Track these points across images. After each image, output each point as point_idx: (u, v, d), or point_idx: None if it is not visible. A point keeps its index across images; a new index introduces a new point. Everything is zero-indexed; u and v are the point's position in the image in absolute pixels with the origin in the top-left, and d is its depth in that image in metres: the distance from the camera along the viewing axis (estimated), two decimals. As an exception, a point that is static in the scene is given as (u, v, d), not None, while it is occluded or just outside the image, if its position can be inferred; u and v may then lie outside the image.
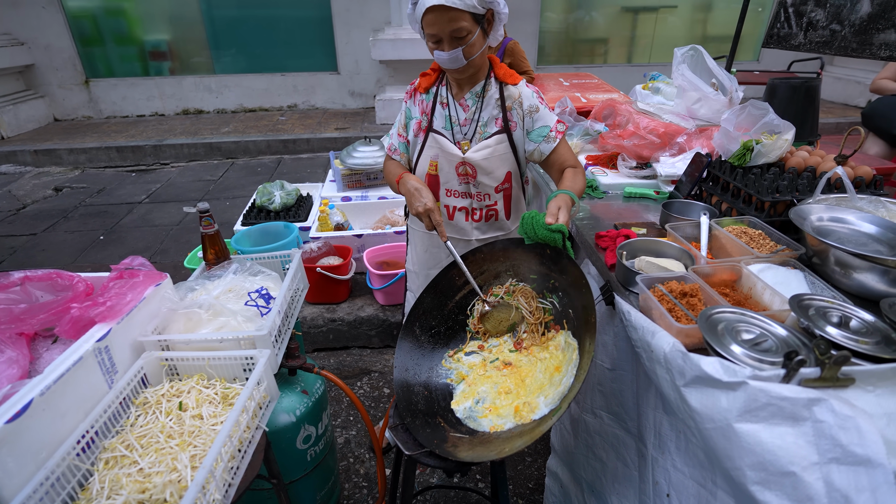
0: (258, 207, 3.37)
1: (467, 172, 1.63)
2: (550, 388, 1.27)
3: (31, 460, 0.95)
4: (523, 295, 1.46)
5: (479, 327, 1.47)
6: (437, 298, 1.50)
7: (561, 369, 1.29)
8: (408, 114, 1.70)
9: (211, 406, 1.18)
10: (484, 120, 1.61)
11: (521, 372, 1.34)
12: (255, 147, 6.33)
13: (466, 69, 1.51)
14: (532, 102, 1.59)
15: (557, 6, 7.82)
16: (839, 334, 0.91)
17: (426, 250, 1.84)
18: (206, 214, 1.57)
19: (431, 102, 1.65)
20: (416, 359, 1.42)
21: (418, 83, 1.67)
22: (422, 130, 1.66)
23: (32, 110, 6.98)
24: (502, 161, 1.62)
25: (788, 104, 2.20)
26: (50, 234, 4.31)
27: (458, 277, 1.50)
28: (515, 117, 1.60)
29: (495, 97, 1.59)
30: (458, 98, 1.62)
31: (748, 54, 8.28)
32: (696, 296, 1.14)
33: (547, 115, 1.61)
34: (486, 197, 1.67)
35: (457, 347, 1.46)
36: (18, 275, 1.31)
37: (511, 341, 1.43)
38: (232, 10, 7.28)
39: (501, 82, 1.60)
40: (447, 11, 1.36)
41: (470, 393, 1.32)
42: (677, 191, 1.84)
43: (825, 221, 1.30)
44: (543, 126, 1.60)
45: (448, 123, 1.63)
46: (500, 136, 1.60)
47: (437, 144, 1.63)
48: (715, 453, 0.85)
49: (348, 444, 2.35)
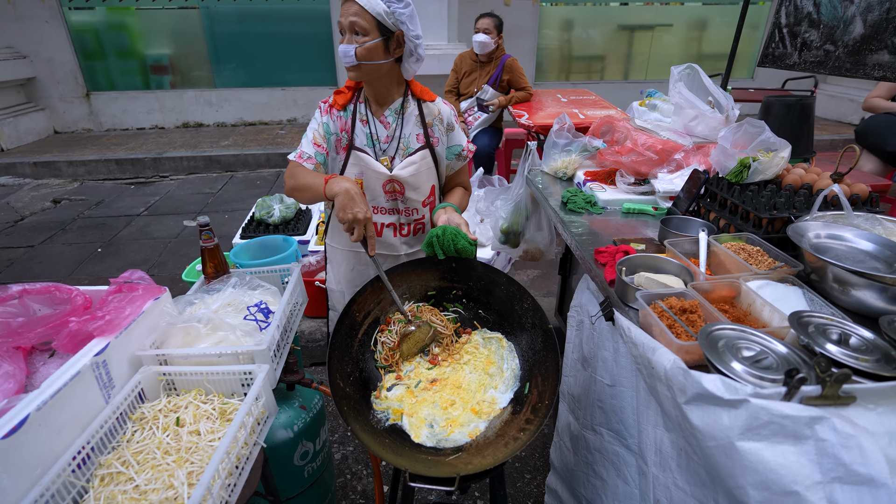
0: (257, 221, 3.38)
1: (395, 189, 1.64)
2: (494, 379, 1.35)
3: (25, 477, 0.93)
4: (429, 312, 1.49)
5: (390, 359, 1.41)
6: (344, 339, 1.39)
7: (493, 360, 1.40)
8: (326, 128, 1.63)
9: (209, 422, 1.17)
10: (406, 136, 1.63)
11: (451, 381, 1.36)
12: (254, 160, 6.35)
13: (359, 72, 1.51)
14: (450, 120, 1.69)
15: (554, 24, 7.95)
16: (839, 352, 0.92)
17: (352, 269, 1.79)
18: (205, 228, 1.58)
19: (350, 119, 1.63)
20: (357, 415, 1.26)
21: (333, 100, 1.63)
22: (342, 148, 1.63)
23: (33, 123, 7.01)
24: (427, 176, 1.67)
25: (783, 122, 2.24)
26: (48, 247, 4.30)
27: (357, 313, 1.44)
28: (437, 133, 1.66)
29: (415, 114, 1.64)
30: (377, 115, 1.63)
31: (743, 72, 8.40)
32: (695, 312, 1.14)
33: (460, 134, 1.74)
34: (414, 212, 1.71)
35: (376, 387, 1.37)
36: (17, 288, 1.30)
37: (425, 360, 1.44)
38: (233, 25, 7.37)
39: (419, 99, 1.65)
40: (352, 4, 1.43)
41: (418, 421, 1.27)
42: (675, 207, 1.85)
43: (823, 238, 1.31)
44: (457, 144, 1.73)
45: (370, 141, 1.62)
46: (423, 151, 1.64)
47: (362, 162, 1.60)
48: (717, 472, 0.85)
49: (345, 461, 2.33)
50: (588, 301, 1.64)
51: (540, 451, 2.34)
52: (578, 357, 1.65)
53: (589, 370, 1.55)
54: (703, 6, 8.01)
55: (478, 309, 1.52)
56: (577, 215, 1.92)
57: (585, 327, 1.61)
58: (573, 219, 1.88)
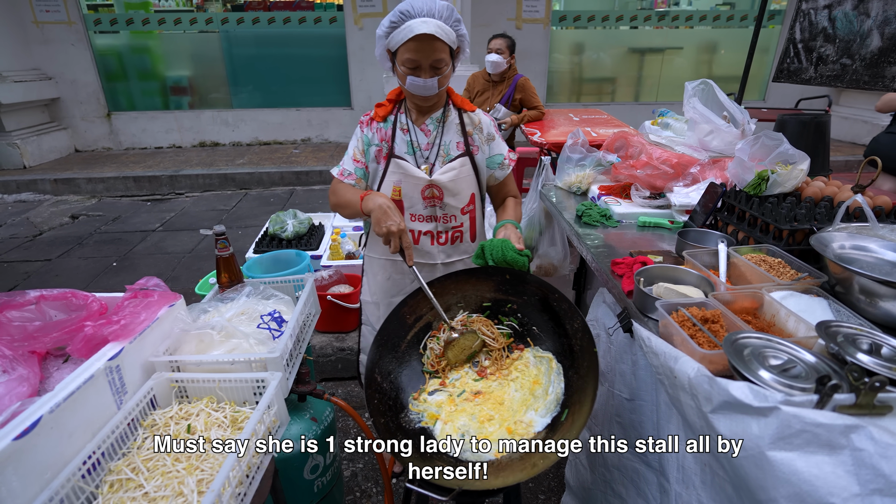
0: (270, 236, 3.40)
1: (433, 195, 1.64)
2: (537, 401, 1.28)
3: (35, 480, 0.92)
4: (481, 324, 1.45)
5: (437, 365, 1.41)
6: (391, 340, 1.42)
7: (540, 381, 1.32)
8: (366, 140, 1.66)
9: (220, 429, 1.16)
10: (446, 143, 1.64)
11: (494, 396, 1.31)
12: (268, 178, 6.44)
13: (433, 98, 1.56)
14: (490, 130, 1.70)
15: (565, 47, 8.06)
16: (871, 361, 0.88)
17: (388, 278, 1.79)
18: (221, 237, 1.58)
19: (391, 129, 1.65)
20: (386, 410, 1.30)
21: (374, 113, 1.66)
22: (383, 157, 1.65)
23: (55, 141, 7.20)
24: (466, 183, 1.67)
25: (798, 139, 2.22)
26: (64, 260, 4.36)
27: (408, 316, 1.45)
28: (477, 142, 1.67)
29: (456, 122, 1.65)
30: (418, 124, 1.64)
31: (754, 94, 8.42)
32: (717, 322, 1.11)
33: (501, 144, 1.73)
34: (451, 219, 1.69)
35: (418, 389, 1.38)
36: (34, 293, 1.31)
37: (473, 371, 1.40)
38: (251, 48, 7.57)
39: (460, 108, 1.66)
40: (434, 41, 1.42)
41: (451, 429, 1.25)
42: (692, 220, 1.83)
43: (847, 249, 1.28)
44: (498, 154, 1.72)
45: (410, 148, 1.64)
46: (463, 158, 1.64)
47: (401, 169, 1.62)
48: (746, 484, 0.81)
49: (355, 478, 2.28)
50: (604, 315, 1.61)
51: (555, 472, 2.28)
52: (595, 371, 1.62)
53: (606, 384, 1.51)
54: (713, 29, 8.08)
55: (532, 325, 1.44)
56: (593, 228, 1.91)
57: (602, 341, 1.58)
58: (588, 231, 1.87)
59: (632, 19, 7.92)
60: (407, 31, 1.40)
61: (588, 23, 7.88)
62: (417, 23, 1.39)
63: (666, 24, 7.98)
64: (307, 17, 7.44)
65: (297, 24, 7.46)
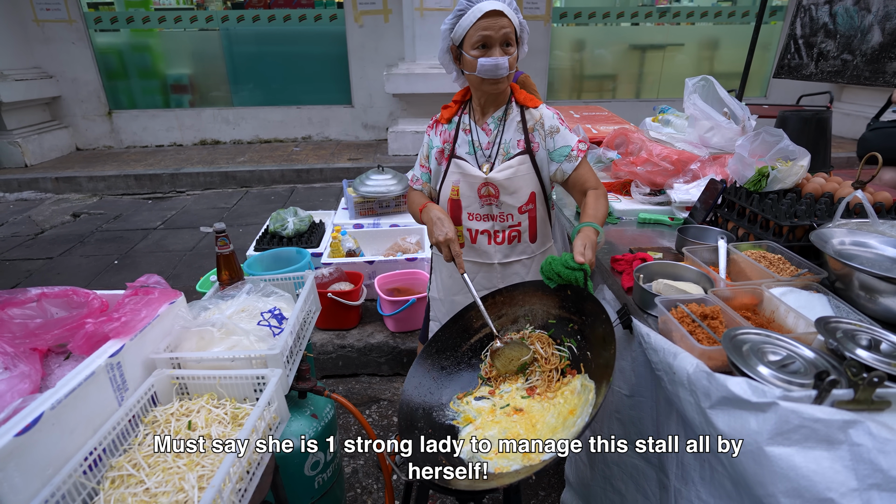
0: (271, 233, 3.40)
1: (490, 193, 1.63)
2: (563, 432, 1.19)
3: (37, 476, 0.93)
4: (539, 341, 1.40)
5: (490, 373, 1.40)
6: (452, 338, 1.46)
7: (575, 412, 1.22)
8: (430, 144, 1.73)
9: (220, 426, 1.16)
10: (507, 142, 1.63)
11: (532, 418, 1.26)
12: (269, 176, 6.44)
13: (501, 83, 1.53)
14: (553, 123, 1.62)
15: (566, 44, 8.03)
16: (870, 357, 0.88)
17: (450, 275, 1.83)
18: (222, 234, 1.59)
19: (454, 131, 1.68)
20: (424, 395, 1.35)
21: (440, 115, 1.71)
22: (444, 158, 1.69)
23: (56, 140, 7.20)
24: (525, 181, 1.62)
25: (800, 136, 2.21)
26: (66, 258, 4.37)
27: (475, 319, 1.46)
28: (538, 138, 1.62)
29: (517, 120, 1.62)
30: (479, 124, 1.66)
31: (755, 91, 8.39)
32: (717, 318, 1.11)
33: (568, 135, 1.62)
34: (508, 217, 1.67)
35: (466, 390, 1.38)
36: (35, 291, 1.31)
37: (524, 388, 1.35)
38: (251, 46, 7.56)
39: (522, 106, 1.64)
40: (501, 17, 1.44)
41: (479, 436, 1.23)
42: (692, 217, 1.83)
43: (847, 245, 1.28)
44: (565, 146, 1.61)
45: (472, 148, 1.66)
46: (522, 156, 1.61)
47: (459, 169, 1.65)
48: (745, 479, 0.81)
49: (356, 475, 2.29)
50: (604, 311, 1.61)
51: (554, 468, 2.28)
52: (595, 368, 1.62)
53: (606, 381, 1.51)
54: (714, 26, 8.04)
55: (587, 350, 1.33)
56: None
57: (602, 337, 1.58)
58: (588, 228, 1.86)
59: (633, 16, 7.89)
60: (476, 12, 1.43)
61: (589, 19, 7.85)
62: (485, 3, 1.43)
63: (667, 20, 7.95)
64: (307, 15, 7.42)
65: (297, 22, 7.44)
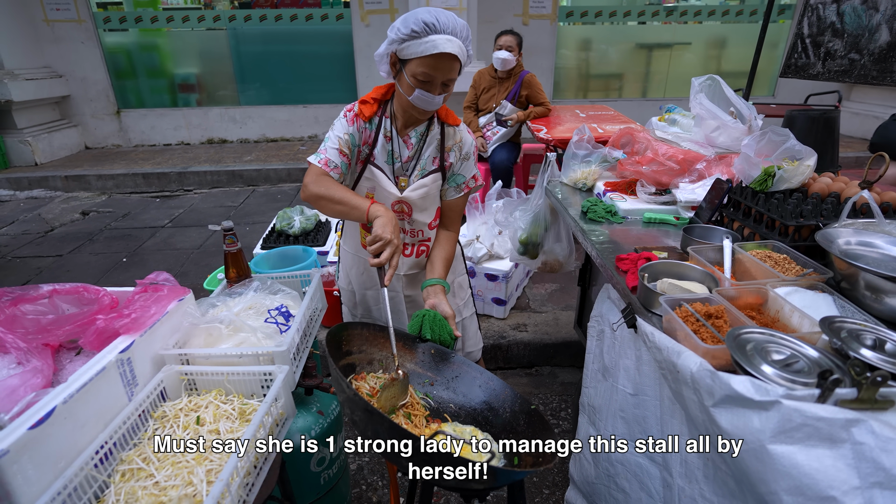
0: (277, 232, 3.43)
1: (403, 210, 1.62)
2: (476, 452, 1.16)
3: (49, 469, 0.95)
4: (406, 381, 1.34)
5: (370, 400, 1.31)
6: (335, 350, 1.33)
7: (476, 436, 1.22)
8: (352, 139, 1.54)
9: (228, 421, 1.18)
10: (424, 158, 1.60)
11: None
12: (275, 175, 6.47)
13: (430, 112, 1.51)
14: (468, 150, 1.65)
15: (572, 43, 8.01)
16: (875, 356, 0.88)
17: (363, 272, 1.80)
18: (229, 232, 1.61)
19: (374, 133, 1.57)
20: None
21: (359, 110, 1.54)
22: (360, 161, 1.59)
23: (65, 138, 7.27)
24: (436, 199, 1.66)
25: (807, 136, 2.20)
26: (75, 256, 4.41)
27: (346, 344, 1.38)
28: (452, 158, 1.62)
29: (437, 137, 1.60)
30: (402, 134, 1.58)
31: (763, 89, 8.33)
32: (721, 317, 1.12)
33: (472, 167, 1.67)
34: (419, 233, 1.69)
35: None
36: (47, 288, 1.34)
37: None
38: (258, 45, 7.60)
39: (444, 122, 1.61)
40: (454, 61, 1.37)
41: None
42: (697, 217, 1.83)
43: (853, 245, 1.28)
44: (462, 175, 1.66)
45: (390, 158, 1.59)
46: (435, 174, 1.61)
47: (375, 179, 1.58)
48: (748, 478, 0.82)
49: (361, 471, 2.30)
50: (609, 310, 1.62)
51: (559, 466, 2.29)
52: (599, 367, 1.62)
53: (610, 380, 1.52)
54: (722, 24, 7.99)
55: (449, 403, 1.36)
56: (598, 224, 1.91)
57: (606, 337, 1.58)
58: (593, 228, 1.87)
59: (639, 15, 7.86)
60: (429, 46, 1.32)
61: (595, 18, 7.82)
62: (442, 40, 1.32)
63: (674, 19, 7.91)
64: (314, 15, 7.45)
65: (304, 22, 7.47)
